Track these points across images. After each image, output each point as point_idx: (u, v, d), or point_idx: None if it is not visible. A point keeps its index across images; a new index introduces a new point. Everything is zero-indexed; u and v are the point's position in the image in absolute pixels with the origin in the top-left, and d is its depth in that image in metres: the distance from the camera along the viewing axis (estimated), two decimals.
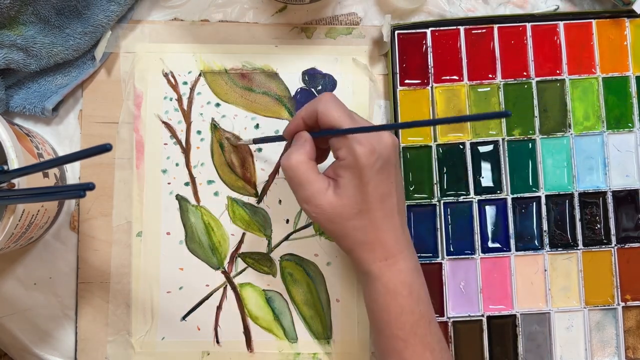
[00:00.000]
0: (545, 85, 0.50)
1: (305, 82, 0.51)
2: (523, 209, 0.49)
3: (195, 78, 0.51)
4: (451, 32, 0.50)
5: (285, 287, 0.50)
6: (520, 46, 0.50)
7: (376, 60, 0.51)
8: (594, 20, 0.50)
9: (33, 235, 0.46)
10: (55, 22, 0.47)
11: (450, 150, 0.49)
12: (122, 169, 0.50)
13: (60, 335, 0.49)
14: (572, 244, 0.49)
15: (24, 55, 0.47)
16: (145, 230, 0.50)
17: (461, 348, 0.48)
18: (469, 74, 0.50)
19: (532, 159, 0.50)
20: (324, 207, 0.40)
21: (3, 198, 0.38)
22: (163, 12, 0.51)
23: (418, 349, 0.40)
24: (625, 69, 0.50)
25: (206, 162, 0.50)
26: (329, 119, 0.40)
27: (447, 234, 0.49)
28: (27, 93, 0.49)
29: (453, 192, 0.49)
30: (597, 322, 0.49)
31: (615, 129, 0.50)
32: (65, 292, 0.49)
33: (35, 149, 0.44)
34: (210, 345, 0.49)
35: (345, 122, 0.39)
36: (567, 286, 0.49)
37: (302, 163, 0.40)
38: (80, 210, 0.50)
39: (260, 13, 0.51)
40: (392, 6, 0.51)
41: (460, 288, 0.49)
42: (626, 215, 0.49)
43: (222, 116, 0.50)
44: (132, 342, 0.49)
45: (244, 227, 0.50)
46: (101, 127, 0.50)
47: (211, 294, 0.50)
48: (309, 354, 0.50)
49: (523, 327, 0.49)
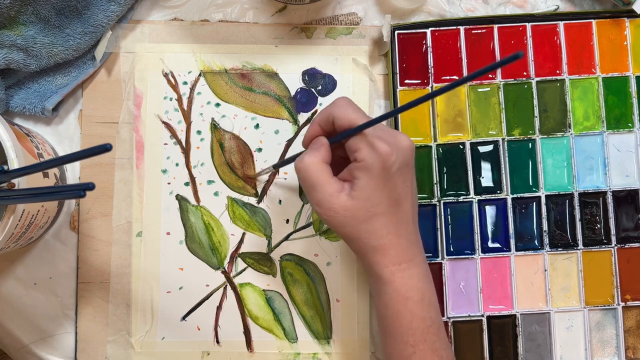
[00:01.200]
0: (545, 85, 0.50)
1: (305, 82, 0.51)
2: (523, 209, 0.49)
3: (195, 78, 0.51)
4: (451, 32, 0.50)
5: (285, 287, 0.50)
6: (520, 46, 0.50)
7: (376, 60, 0.51)
8: (594, 20, 0.50)
9: (33, 235, 0.46)
10: (55, 22, 0.47)
11: (450, 150, 0.49)
12: (122, 169, 0.50)
13: (60, 335, 0.49)
14: (572, 244, 0.49)
15: (24, 55, 0.47)
16: (145, 230, 0.50)
17: (461, 348, 0.48)
18: (469, 73, 0.50)
19: (532, 159, 0.50)
20: (336, 210, 0.39)
21: (3, 198, 0.38)
22: (163, 12, 0.51)
23: (427, 355, 0.40)
24: (625, 69, 0.50)
25: (206, 162, 0.50)
26: (346, 121, 0.39)
27: (447, 234, 0.49)
28: (27, 93, 0.49)
29: (453, 192, 0.49)
30: (597, 322, 0.49)
31: (615, 129, 0.50)
32: (65, 292, 0.49)
33: (35, 149, 0.44)
34: (210, 345, 0.49)
35: (362, 121, 0.39)
36: (567, 286, 0.49)
37: (315, 164, 0.39)
38: (80, 210, 0.50)
39: (260, 13, 0.51)
40: (392, 6, 0.51)
41: (460, 288, 0.49)
42: (626, 215, 0.49)
43: (222, 116, 0.50)
44: (132, 342, 0.49)
45: (244, 227, 0.50)
46: (101, 127, 0.50)
47: (211, 294, 0.50)
48: (309, 354, 0.50)
49: (523, 327, 0.49)
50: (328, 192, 0.39)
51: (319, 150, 0.40)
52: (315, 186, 0.40)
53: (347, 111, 0.40)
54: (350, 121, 0.39)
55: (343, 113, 0.40)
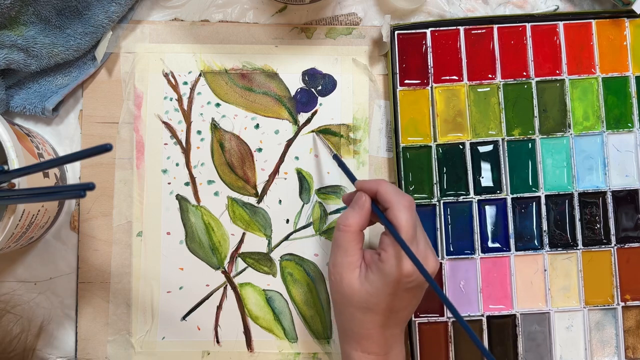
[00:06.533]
0: (545, 86, 0.50)
1: (305, 82, 0.51)
2: (523, 209, 0.49)
3: (196, 78, 0.51)
4: (451, 32, 0.50)
5: (285, 287, 0.50)
6: (520, 46, 0.50)
7: (376, 60, 0.51)
8: (593, 21, 0.50)
9: (33, 235, 0.46)
10: (56, 23, 0.47)
11: (450, 150, 0.50)
12: (122, 169, 0.50)
13: (60, 335, 0.49)
14: (572, 244, 0.49)
15: (25, 56, 0.47)
16: (146, 230, 0.50)
17: (461, 348, 0.48)
18: (469, 74, 0.50)
19: (531, 159, 0.50)
20: (341, 281, 0.41)
21: (3, 198, 0.38)
22: (163, 13, 0.51)
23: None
24: (624, 69, 0.50)
25: (206, 162, 0.50)
26: (394, 217, 0.39)
27: (447, 234, 0.49)
28: (28, 93, 0.49)
29: (453, 192, 0.49)
30: (597, 322, 0.49)
31: (614, 129, 0.50)
32: (65, 292, 0.49)
33: (35, 149, 0.44)
34: (211, 345, 0.49)
35: (409, 233, 0.39)
36: (567, 286, 0.49)
37: (352, 233, 0.41)
38: (80, 210, 0.50)
39: (260, 13, 0.51)
40: (392, 6, 0.51)
41: (460, 288, 0.49)
42: (626, 215, 0.49)
43: (222, 116, 0.51)
44: (132, 342, 0.49)
45: (244, 227, 0.50)
46: (101, 127, 0.50)
47: (211, 294, 0.50)
48: (309, 354, 0.50)
49: (523, 326, 0.49)
50: (347, 261, 0.41)
51: (360, 214, 0.41)
52: (341, 249, 0.41)
53: (401, 210, 0.39)
54: (398, 223, 0.39)
55: (396, 210, 0.40)
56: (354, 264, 0.41)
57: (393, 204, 0.40)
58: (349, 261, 0.41)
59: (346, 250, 0.41)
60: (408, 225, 0.39)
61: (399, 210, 0.39)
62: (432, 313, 0.48)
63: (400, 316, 0.41)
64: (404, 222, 0.39)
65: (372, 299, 0.40)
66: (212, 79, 0.51)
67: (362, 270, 0.41)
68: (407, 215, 0.39)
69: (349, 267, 0.41)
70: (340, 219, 0.42)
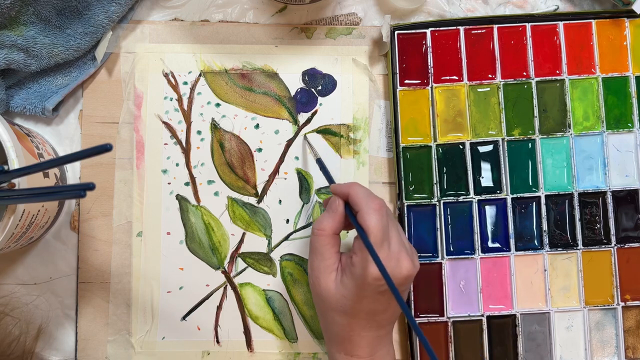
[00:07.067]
0: (545, 86, 0.50)
1: (305, 82, 0.51)
2: (523, 209, 0.49)
3: (196, 78, 0.51)
4: (451, 33, 0.50)
5: (285, 287, 0.50)
6: (520, 46, 0.50)
7: (376, 60, 0.51)
8: (593, 21, 0.50)
9: (33, 235, 0.46)
10: (56, 23, 0.47)
11: (450, 150, 0.50)
12: (122, 169, 0.50)
13: (60, 335, 0.49)
14: (572, 244, 0.49)
15: (25, 56, 0.47)
16: (146, 230, 0.50)
17: (461, 348, 0.48)
18: (469, 74, 0.50)
19: (531, 159, 0.50)
20: (319, 285, 0.41)
21: (3, 198, 0.38)
22: (163, 13, 0.51)
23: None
24: (625, 69, 0.50)
25: (206, 162, 0.50)
26: (363, 220, 0.39)
27: (447, 234, 0.49)
28: (28, 93, 0.49)
29: (453, 192, 0.49)
30: (597, 322, 0.49)
31: (614, 129, 0.50)
32: (65, 292, 0.49)
33: (35, 149, 0.44)
34: (211, 345, 0.49)
35: (378, 236, 0.39)
36: (567, 286, 0.49)
37: (327, 237, 0.41)
38: (80, 210, 0.50)
39: (260, 13, 0.51)
40: (392, 6, 0.51)
41: (460, 288, 0.49)
42: (626, 215, 0.49)
43: (222, 116, 0.51)
44: (132, 342, 0.49)
45: (244, 227, 0.50)
46: (101, 127, 0.50)
47: (211, 294, 0.50)
48: (309, 354, 0.50)
49: (523, 327, 0.49)
50: (324, 265, 0.41)
51: (333, 218, 0.42)
52: (317, 253, 0.42)
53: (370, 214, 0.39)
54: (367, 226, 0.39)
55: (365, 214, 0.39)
56: (330, 268, 0.41)
57: (362, 207, 0.40)
58: (325, 265, 0.41)
59: (322, 254, 0.41)
60: (377, 228, 0.39)
61: (367, 213, 0.39)
62: (432, 313, 0.48)
63: (381, 319, 0.41)
64: (372, 225, 0.39)
65: (348, 302, 0.40)
66: (212, 79, 0.51)
67: (339, 274, 0.41)
68: (376, 218, 0.39)
69: (325, 271, 0.41)
70: (315, 223, 0.42)
